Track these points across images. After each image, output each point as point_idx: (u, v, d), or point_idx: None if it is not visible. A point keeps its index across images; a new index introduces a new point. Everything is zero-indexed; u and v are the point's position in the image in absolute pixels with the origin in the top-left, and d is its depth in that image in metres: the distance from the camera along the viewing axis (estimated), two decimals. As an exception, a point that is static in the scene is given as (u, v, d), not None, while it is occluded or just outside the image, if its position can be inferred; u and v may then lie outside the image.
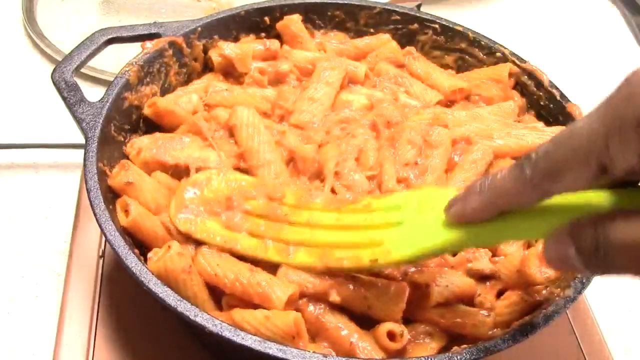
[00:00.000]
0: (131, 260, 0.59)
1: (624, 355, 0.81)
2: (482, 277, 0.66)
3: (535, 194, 0.45)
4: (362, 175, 0.69)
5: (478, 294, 0.65)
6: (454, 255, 0.66)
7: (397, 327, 0.60)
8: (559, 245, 0.44)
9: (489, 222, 0.48)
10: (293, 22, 0.86)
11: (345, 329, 0.60)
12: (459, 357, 0.55)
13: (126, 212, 0.65)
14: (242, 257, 0.63)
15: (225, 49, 0.81)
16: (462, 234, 0.50)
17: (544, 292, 0.64)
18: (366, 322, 0.61)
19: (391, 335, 0.59)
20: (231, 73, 0.83)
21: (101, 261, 0.80)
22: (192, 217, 0.65)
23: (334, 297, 0.60)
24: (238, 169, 0.71)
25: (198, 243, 0.65)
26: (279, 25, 0.86)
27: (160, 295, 0.57)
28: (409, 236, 0.56)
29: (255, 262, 0.63)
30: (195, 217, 0.65)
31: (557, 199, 0.45)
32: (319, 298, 0.61)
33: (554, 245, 0.45)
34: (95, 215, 0.62)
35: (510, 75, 0.83)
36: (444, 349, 0.61)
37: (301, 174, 0.71)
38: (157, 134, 0.74)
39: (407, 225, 0.57)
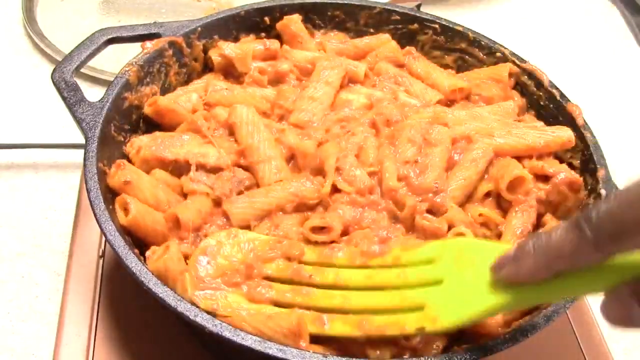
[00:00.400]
0: (131, 260, 0.59)
1: (624, 355, 0.81)
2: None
3: (597, 256, 0.43)
4: (364, 171, 0.69)
5: None
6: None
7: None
8: (621, 305, 0.44)
9: (543, 282, 0.46)
10: (293, 22, 0.86)
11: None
12: (459, 357, 0.55)
13: (125, 210, 0.65)
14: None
15: (225, 49, 0.81)
16: (513, 295, 0.48)
17: None
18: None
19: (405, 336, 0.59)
20: (231, 73, 0.83)
21: (101, 261, 0.80)
22: (212, 293, 0.59)
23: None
24: (238, 165, 0.71)
25: (198, 238, 0.65)
26: (278, 25, 0.86)
27: (160, 295, 0.57)
28: (453, 298, 0.53)
29: None
30: (215, 291, 0.60)
31: (618, 257, 0.43)
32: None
33: (616, 304, 0.44)
34: (95, 215, 0.62)
35: (510, 75, 0.83)
36: (449, 347, 0.61)
37: (302, 170, 0.71)
38: (157, 133, 0.74)
39: (448, 285, 0.54)
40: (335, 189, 0.68)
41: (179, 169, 0.71)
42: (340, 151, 0.70)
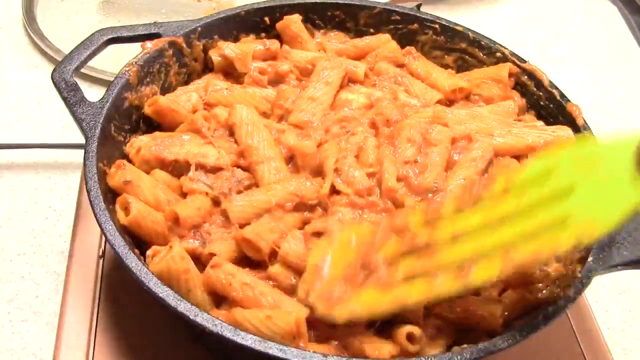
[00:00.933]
0: (131, 260, 0.59)
1: (624, 355, 0.81)
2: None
3: None
4: (362, 172, 0.69)
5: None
6: None
7: (417, 330, 0.60)
8: None
9: None
10: (292, 22, 0.86)
11: (356, 331, 0.60)
12: (459, 357, 0.55)
13: (126, 209, 0.65)
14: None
15: (225, 49, 0.81)
16: None
17: (544, 291, 0.64)
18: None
19: (409, 337, 0.59)
20: (231, 73, 0.83)
21: (101, 261, 0.79)
22: (341, 296, 0.56)
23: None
24: (238, 166, 0.71)
25: (204, 240, 0.65)
26: (278, 25, 0.86)
27: (160, 295, 0.57)
28: (596, 201, 0.48)
29: None
30: (344, 295, 0.56)
31: None
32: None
33: None
34: (95, 215, 0.62)
35: (510, 75, 0.83)
36: (452, 345, 0.62)
37: (301, 170, 0.71)
38: (157, 133, 0.74)
39: (583, 190, 0.48)
40: (334, 190, 0.68)
41: (178, 169, 0.71)
42: (339, 152, 0.70)
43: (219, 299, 0.63)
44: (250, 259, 0.65)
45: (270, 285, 0.63)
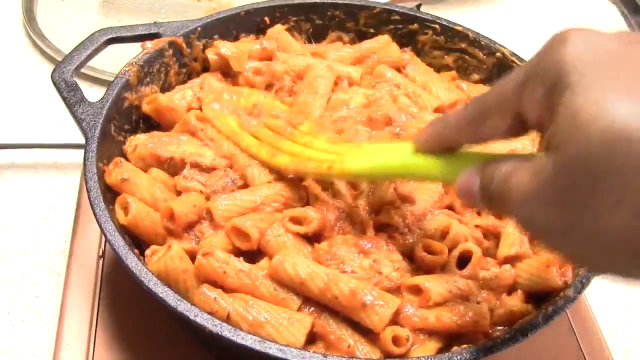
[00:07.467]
0: (131, 260, 0.59)
1: (624, 355, 0.81)
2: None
3: (466, 132, 0.50)
4: (344, 185, 0.69)
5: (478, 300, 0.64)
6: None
7: (403, 332, 0.60)
8: (469, 177, 0.49)
9: (439, 155, 0.53)
10: (275, 33, 0.86)
11: (343, 332, 0.60)
12: (459, 357, 0.55)
13: (125, 209, 0.65)
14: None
15: (221, 48, 0.81)
16: (416, 158, 0.54)
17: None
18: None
19: (395, 340, 0.59)
20: (228, 72, 0.83)
21: (101, 261, 0.80)
22: (218, 109, 0.75)
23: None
24: (232, 167, 0.71)
25: (198, 240, 0.65)
26: (268, 33, 0.86)
27: (160, 295, 0.57)
28: (368, 153, 0.62)
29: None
30: (221, 110, 0.75)
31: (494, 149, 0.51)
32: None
33: (466, 176, 0.49)
34: (95, 215, 0.62)
35: None
36: (443, 350, 0.61)
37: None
38: (155, 133, 0.74)
39: (371, 147, 0.65)
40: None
41: (174, 167, 0.71)
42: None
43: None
44: (242, 255, 0.64)
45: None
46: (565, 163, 0.38)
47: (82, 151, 0.68)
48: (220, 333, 0.55)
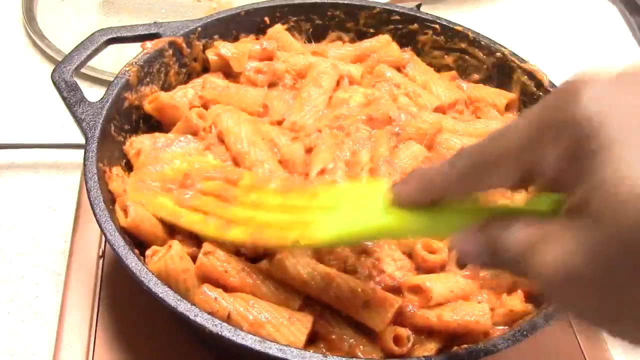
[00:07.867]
0: (131, 260, 0.59)
1: (624, 355, 0.81)
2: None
3: (460, 186, 0.45)
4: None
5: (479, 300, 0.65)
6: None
7: (404, 331, 0.60)
8: (468, 240, 0.45)
9: (423, 210, 0.47)
10: (275, 33, 0.86)
11: (344, 332, 0.60)
12: (458, 357, 0.55)
13: (125, 211, 0.65)
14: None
15: (221, 49, 0.81)
16: (396, 218, 0.48)
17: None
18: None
19: (396, 339, 0.59)
20: (230, 73, 0.83)
21: (101, 261, 0.80)
22: (145, 192, 0.66)
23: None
24: None
25: (200, 241, 0.65)
26: (268, 34, 0.86)
27: (160, 295, 0.57)
28: (340, 219, 0.54)
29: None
30: (148, 191, 0.66)
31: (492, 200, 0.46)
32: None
33: (463, 241, 0.45)
34: (95, 215, 0.62)
35: (511, 106, 0.84)
36: (443, 350, 0.61)
37: (292, 173, 0.71)
38: (157, 134, 0.74)
39: (342, 210, 0.55)
40: None
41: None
42: (329, 156, 0.70)
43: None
44: (243, 254, 0.64)
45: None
46: (614, 240, 0.34)
47: (82, 151, 0.68)
48: (220, 333, 0.54)
